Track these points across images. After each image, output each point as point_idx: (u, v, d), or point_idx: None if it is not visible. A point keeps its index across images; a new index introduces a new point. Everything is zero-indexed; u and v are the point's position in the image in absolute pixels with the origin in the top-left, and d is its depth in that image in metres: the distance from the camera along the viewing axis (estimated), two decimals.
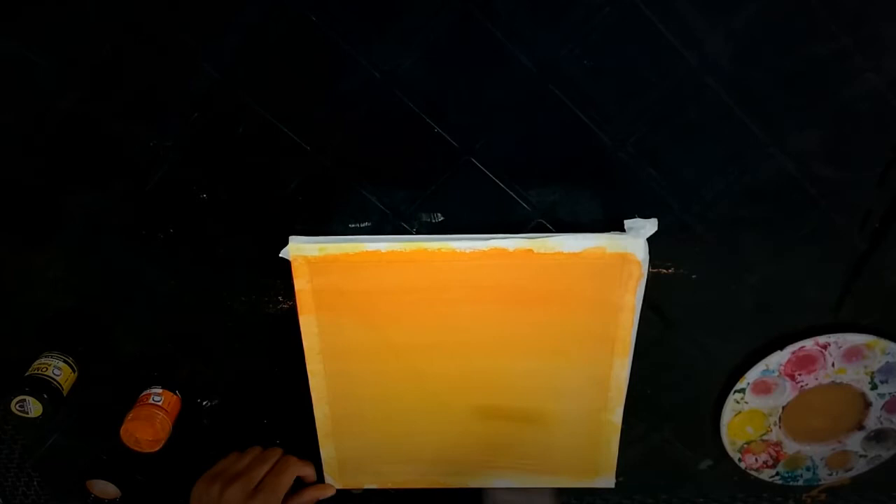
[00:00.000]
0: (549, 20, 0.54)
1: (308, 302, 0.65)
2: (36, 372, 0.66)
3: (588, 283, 0.63)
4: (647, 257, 0.62)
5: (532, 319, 0.66)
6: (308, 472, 0.73)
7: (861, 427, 0.74)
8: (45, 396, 0.64)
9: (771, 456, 0.76)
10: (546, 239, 0.61)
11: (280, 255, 0.63)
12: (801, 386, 0.71)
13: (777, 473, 0.78)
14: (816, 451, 0.76)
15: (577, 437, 0.73)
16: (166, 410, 0.70)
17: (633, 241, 0.61)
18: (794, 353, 0.69)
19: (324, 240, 0.63)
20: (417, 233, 0.64)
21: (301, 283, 0.64)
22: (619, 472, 0.77)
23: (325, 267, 0.63)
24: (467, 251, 0.62)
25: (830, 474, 0.78)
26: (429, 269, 0.63)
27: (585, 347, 0.67)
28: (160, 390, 0.71)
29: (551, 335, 0.66)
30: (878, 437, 0.75)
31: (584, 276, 0.63)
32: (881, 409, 0.73)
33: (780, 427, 0.74)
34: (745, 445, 0.75)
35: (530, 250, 0.62)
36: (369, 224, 0.64)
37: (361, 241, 0.63)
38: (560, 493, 0.78)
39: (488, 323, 0.66)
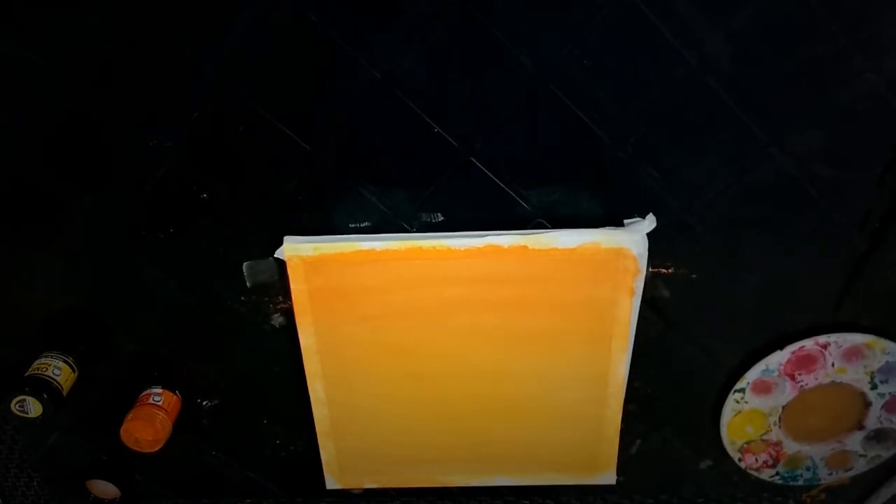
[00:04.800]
0: (549, 20, 0.54)
1: (304, 302, 0.65)
2: (36, 372, 0.65)
3: (584, 279, 0.63)
4: (646, 253, 0.62)
5: (529, 316, 0.66)
6: None
7: (861, 427, 0.74)
8: (45, 396, 0.64)
9: (771, 456, 0.76)
10: (541, 235, 0.61)
11: (275, 255, 0.63)
12: (801, 386, 0.71)
13: (777, 473, 0.78)
14: (816, 451, 0.76)
15: (576, 434, 0.73)
16: (166, 410, 0.70)
17: (629, 236, 0.61)
18: (794, 352, 0.69)
19: (319, 239, 0.63)
20: (417, 232, 0.64)
21: (297, 283, 0.64)
22: (619, 471, 0.77)
23: (321, 266, 0.63)
24: (462, 248, 0.62)
25: (830, 474, 0.78)
26: (424, 268, 0.63)
27: (583, 343, 0.67)
28: (160, 390, 0.71)
29: (548, 331, 0.67)
30: (878, 436, 0.75)
31: (580, 271, 0.63)
32: (881, 408, 0.73)
33: (780, 427, 0.74)
34: (745, 445, 0.75)
35: (525, 247, 0.62)
36: (369, 224, 0.64)
37: (356, 240, 0.63)
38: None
39: (485, 320, 0.66)
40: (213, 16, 0.54)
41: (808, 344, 0.69)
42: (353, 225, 0.64)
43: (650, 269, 0.65)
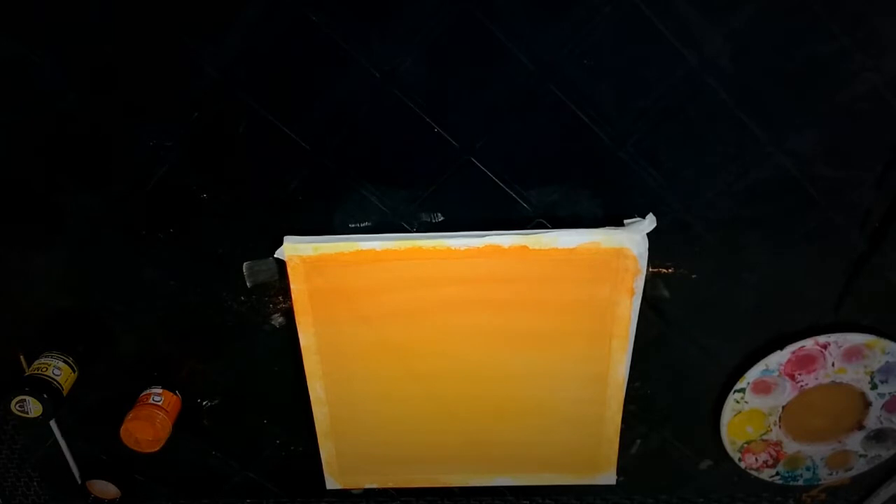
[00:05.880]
0: (549, 20, 0.54)
1: (304, 301, 0.65)
2: (36, 372, 0.65)
3: (584, 279, 0.63)
4: (646, 253, 0.62)
5: (529, 316, 0.66)
6: None
7: (861, 427, 0.74)
8: (45, 396, 0.64)
9: (771, 456, 0.76)
10: (541, 235, 0.61)
11: (275, 255, 0.63)
12: (801, 386, 0.71)
13: (777, 473, 0.78)
14: (816, 451, 0.76)
15: (576, 434, 0.73)
16: (166, 410, 0.70)
17: (629, 236, 0.61)
18: (794, 352, 0.69)
19: (319, 239, 0.63)
20: (417, 232, 0.64)
21: (297, 283, 0.64)
22: (619, 472, 0.77)
23: (321, 266, 0.63)
24: (462, 249, 0.62)
25: (830, 474, 0.78)
26: (424, 268, 0.63)
27: (583, 343, 0.67)
28: (160, 390, 0.71)
29: (548, 331, 0.67)
30: (878, 436, 0.75)
31: (580, 271, 0.63)
32: (881, 408, 0.73)
33: (780, 427, 0.74)
34: (745, 445, 0.75)
35: (525, 247, 0.62)
36: (369, 224, 0.64)
37: (356, 240, 0.63)
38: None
39: (485, 320, 0.66)
40: (213, 16, 0.54)
41: (808, 344, 0.69)
42: (353, 225, 0.64)
43: (650, 269, 0.65)
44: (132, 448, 0.70)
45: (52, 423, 0.76)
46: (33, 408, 0.64)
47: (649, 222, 0.62)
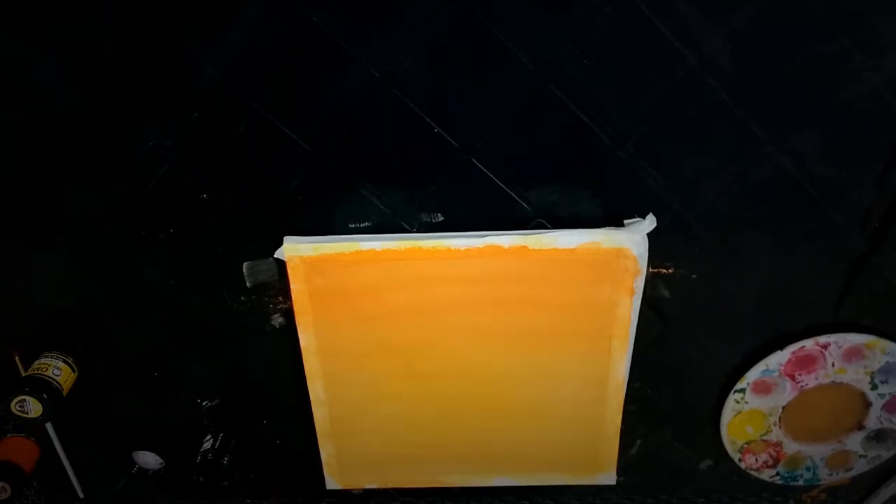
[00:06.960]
0: (549, 20, 0.54)
1: (304, 302, 0.65)
2: (36, 372, 0.65)
3: (584, 279, 0.63)
4: (646, 254, 0.62)
5: (529, 316, 0.66)
6: None
7: (861, 427, 0.74)
8: (45, 396, 0.64)
9: (771, 456, 0.76)
10: (541, 235, 0.61)
11: (275, 255, 0.63)
12: (801, 386, 0.71)
13: (777, 473, 0.78)
14: (816, 451, 0.76)
15: (576, 434, 0.73)
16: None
17: (629, 236, 0.61)
18: (794, 353, 0.69)
19: (319, 239, 0.63)
20: (417, 232, 0.64)
21: (297, 283, 0.64)
22: (619, 472, 0.77)
23: (321, 267, 0.63)
24: (462, 249, 0.62)
25: (830, 474, 0.78)
26: (424, 268, 0.63)
27: (583, 343, 0.67)
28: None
29: (548, 331, 0.66)
30: (878, 437, 0.75)
31: (580, 271, 0.63)
32: (881, 409, 0.73)
33: (780, 427, 0.74)
34: (745, 445, 0.75)
35: (525, 247, 0.62)
36: (369, 224, 0.64)
37: (356, 240, 0.63)
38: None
39: (485, 320, 0.66)
40: (213, 16, 0.54)
41: (808, 344, 0.69)
42: (353, 225, 0.64)
43: (650, 269, 0.65)
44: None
45: (48, 426, 0.76)
46: (33, 408, 0.64)
47: (649, 222, 0.62)
